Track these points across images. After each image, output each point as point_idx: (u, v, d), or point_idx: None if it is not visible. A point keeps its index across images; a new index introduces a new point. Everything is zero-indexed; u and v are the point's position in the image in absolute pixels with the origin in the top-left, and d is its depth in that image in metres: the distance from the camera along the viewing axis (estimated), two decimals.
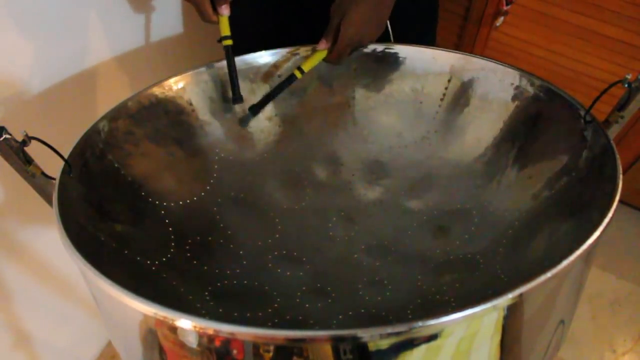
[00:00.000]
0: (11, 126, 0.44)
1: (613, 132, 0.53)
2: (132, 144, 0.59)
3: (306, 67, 0.65)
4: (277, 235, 0.63)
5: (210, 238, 0.60)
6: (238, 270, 0.57)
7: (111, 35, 0.79)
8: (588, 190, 0.50)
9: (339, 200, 0.68)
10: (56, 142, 0.46)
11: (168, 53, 0.94)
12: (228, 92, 0.66)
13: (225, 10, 0.61)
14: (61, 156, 0.47)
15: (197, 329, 0.33)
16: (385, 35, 0.69)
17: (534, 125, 0.61)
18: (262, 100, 0.67)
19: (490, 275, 0.54)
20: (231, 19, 0.63)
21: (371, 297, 0.55)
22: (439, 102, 0.69)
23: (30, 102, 0.68)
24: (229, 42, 0.63)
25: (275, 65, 0.69)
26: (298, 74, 0.65)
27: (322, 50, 0.65)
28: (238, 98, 0.65)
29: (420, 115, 0.70)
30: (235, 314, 0.52)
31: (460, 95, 0.67)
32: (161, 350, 0.37)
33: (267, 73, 0.69)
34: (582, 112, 0.54)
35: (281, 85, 0.66)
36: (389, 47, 0.69)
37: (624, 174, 0.45)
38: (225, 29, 0.63)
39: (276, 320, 0.52)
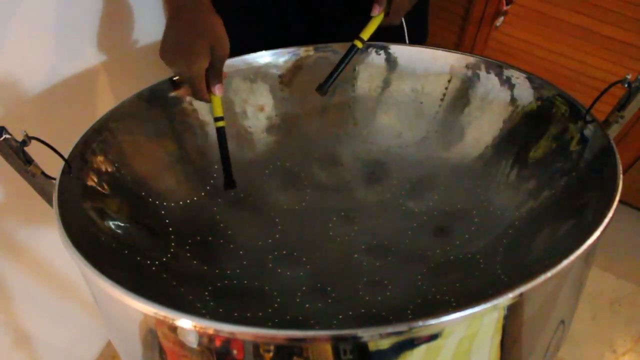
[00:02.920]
0: (11, 126, 0.44)
1: (613, 132, 0.53)
2: (132, 144, 0.59)
3: (365, 35, 0.63)
4: (277, 235, 0.63)
5: (210, 238, 0.60)
6: (238, 270, 0.57)
7: (112, 35, 0.79)
8: (588, 190, 0.50)
9: (339, 200, 0.68)
10: (56, 142, 0.46)
11: None
12: (229, 92, 0.66)
13: (218, 91, 0.58)
14: (61, 156, 0.47)
15: (197, 329, 0.33)
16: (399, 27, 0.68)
17: (534, 125, 0.61)
18: (328, 77, 0.64)
19: (490, 275, 0.54)
20: (231, 18, 0.62)
21: (371, 297, 0.55)
22: (439, 102, 0.69)
23: (30, 102, 0.68)
24: (222, 123, 0.60)
25: (276, 65, 0.69)
26: (359, 44, 0.63)
27: (377, 16, 0.63)
28: (231, 183, 0.62)
29: (421, 116, 0.70)
30: (236, 314, 0.52)
31: (461, 96, 0.67)
32: (161, 350, 0.37)
33: (268, 73, 0.69)
34: (582, 112, 0.54)
35: (344, 59, 0.64)
36: (389, 47, 0.68)
37: (624, 174, 0.45)
38: (218, 110, 0.60)
39: (276, 320, 0.52)
